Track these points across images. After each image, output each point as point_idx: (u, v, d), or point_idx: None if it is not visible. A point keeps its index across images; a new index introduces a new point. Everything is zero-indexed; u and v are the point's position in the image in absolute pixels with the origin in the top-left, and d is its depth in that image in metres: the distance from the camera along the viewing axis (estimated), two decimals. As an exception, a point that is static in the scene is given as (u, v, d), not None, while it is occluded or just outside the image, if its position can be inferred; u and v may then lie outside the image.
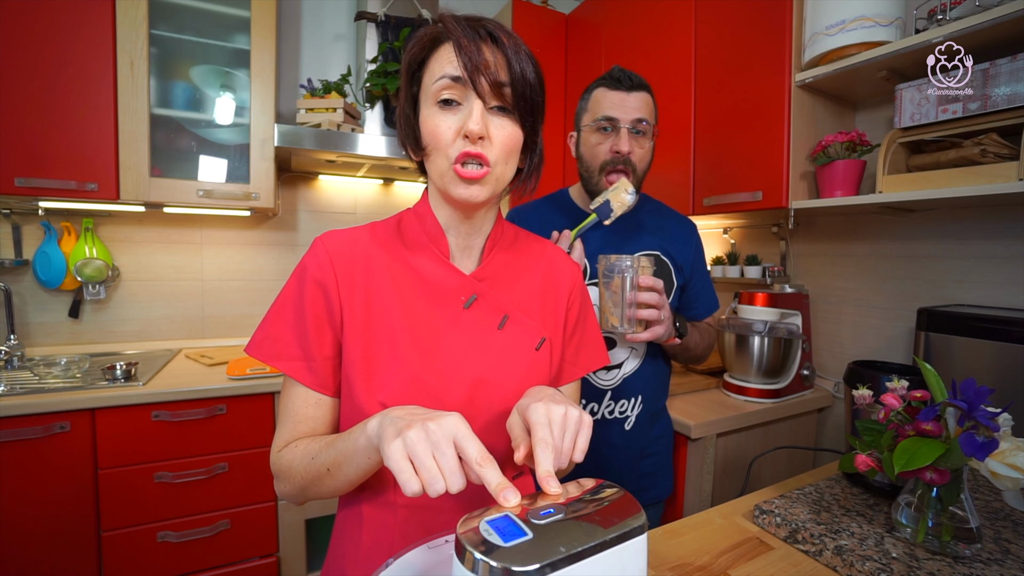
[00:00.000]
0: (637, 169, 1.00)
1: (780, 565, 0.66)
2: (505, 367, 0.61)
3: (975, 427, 0.58)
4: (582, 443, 0.48)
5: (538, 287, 0.68)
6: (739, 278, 1.66)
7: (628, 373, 1.03)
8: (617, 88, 0.99)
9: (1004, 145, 1.00)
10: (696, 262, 1.09)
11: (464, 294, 0.62)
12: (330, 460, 0.53)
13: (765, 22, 1.34)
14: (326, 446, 0.54)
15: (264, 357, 0.58)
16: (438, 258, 0.62)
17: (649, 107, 1.01)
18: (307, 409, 0.60)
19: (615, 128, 0.98)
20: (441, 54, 0.56)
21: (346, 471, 0.52)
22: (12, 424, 1.20)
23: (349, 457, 0.51)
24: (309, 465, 0.55)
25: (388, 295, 0.60)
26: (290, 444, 0.59)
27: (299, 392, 0.59)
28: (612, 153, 0.98)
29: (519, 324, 0.63)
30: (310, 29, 2.05)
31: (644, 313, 0.89)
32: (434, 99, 0.56)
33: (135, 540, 1.34)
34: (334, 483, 0.54)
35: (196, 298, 1.89)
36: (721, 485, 1.27)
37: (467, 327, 0.61)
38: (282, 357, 0.58)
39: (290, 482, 0.58)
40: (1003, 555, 0.63)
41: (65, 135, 1.43)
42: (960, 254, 1.23)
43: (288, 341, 0.58)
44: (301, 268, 0.60)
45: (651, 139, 1.02)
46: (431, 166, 0.59)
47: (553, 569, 0.33)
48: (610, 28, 1.94)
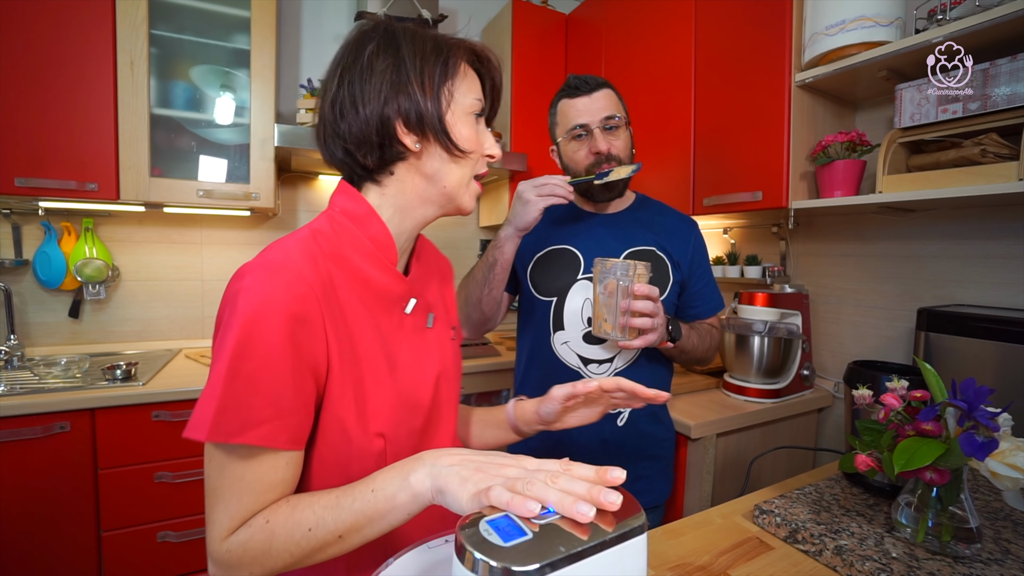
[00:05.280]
0: (622, 159, 1.04)
1: (780, 565, 0.66)
2: (446, 360, 0.66)
3: (975, 427, 0.58)
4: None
5: (438, 281, 0.72)
6: (739, 278, 1.66)
7: (620, 368, 1.03)
8: (577, 95, 1.04)
9: (1004, 145, 1.00)
10: (696, 259, 1.09)
11: (406, 299, 0.62)
12: (344, 525, 0.46)
13: (765, 22, 1.34)
14: (327, 510, 0.47)
15: (224, 436, 0.45)
16: (385, 266, 0.59)
17: (613, 102, 1.04)
18: (276, 474, 0.49)
19: (588, 132, 1.02)
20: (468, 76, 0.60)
21: (369, 532, 0.47)
22: (12, 424, 1.20)
23: (379, 516, 0.46)
24: (305, 538, 0.46)
25: (361, 316, 0.56)
26: (250, 523, 0.48)
27: (265, 459, 0.48)
28: (593, 155, 1.02)
29: (439, 319, 0.68)
30: (310, 29, 2.05)
31: (638, 322, 0.89)
32: (470, 110, 0.59)
33: (135, 540, 1.34)
34: (345, 547, 0.48)
35: (196, 298, 1.89)
36: (721, 485, 1.27)
37: (412, 330, 0.63)
38: (248, 427, 0.46)
39: (263, 566, 0.47)
40: (1003, 555, 0.63)
41: (65, 135, 1.43)
42: (960, 254, 1.23)
43: (252, 404, 0.46)
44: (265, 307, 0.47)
45: (625, 128, 1.05)
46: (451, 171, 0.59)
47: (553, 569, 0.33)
48: (610, 28, 1.94)
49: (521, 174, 2.06)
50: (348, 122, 0.56)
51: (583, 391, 0.65)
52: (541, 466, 0.44)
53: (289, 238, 0.55)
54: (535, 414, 0.71)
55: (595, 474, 0.42)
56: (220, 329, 0.49)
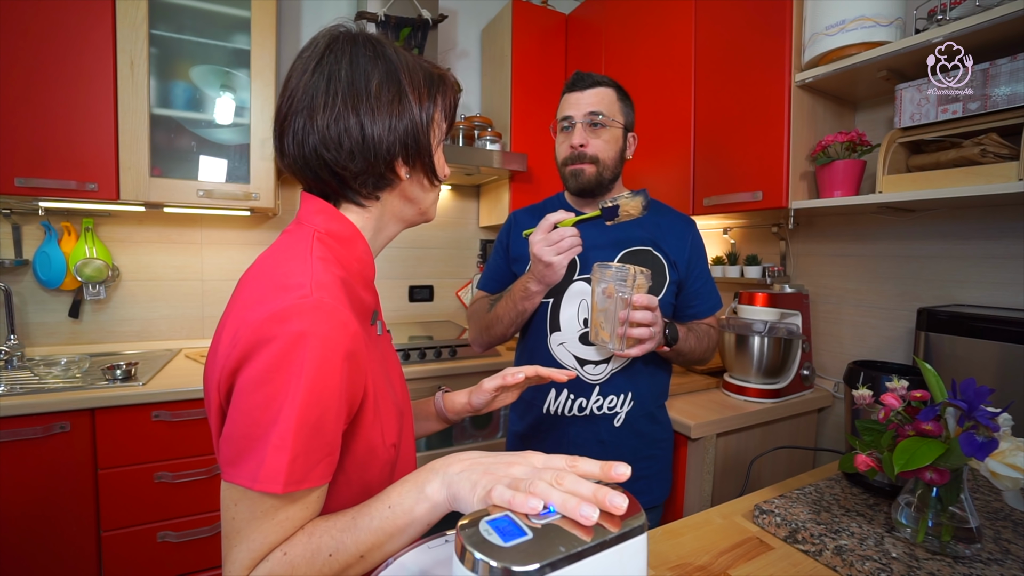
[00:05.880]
0: (599, 160, 1.04)
1: (780, 565, 0.66)
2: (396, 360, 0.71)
3: (975, 427, 0.58)
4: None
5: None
6: (739, 278, 1.66)
7: (616, 369, 1.03)
8: (573, 89, 1.06)
9: (1004, 145, 1.00)
10: (693, 258, 1.09)
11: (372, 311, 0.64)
12: (365, 545, 0.46)
13: (765, 22, 1.34)
14: (345, 533, 0.47)
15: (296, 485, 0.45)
16: (368, 284, 0.62)
17: (606, 100, 1.04)
18: (308, 509, 0.48)
19: (572, 125, 1.04)
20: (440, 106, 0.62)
21: (389, 548, 0.47)
22: (12, 424, 1.20)
23: (399, 531, 0.46)
24: (327, 564, 0.46)
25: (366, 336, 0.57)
26: (268, 557, 0.46)
27: (303, 497, 0.47)
28: (570, 148, 1.04)
29: (384, 325, 0.71)
30: (310, 29, 2.05)
31: (636, 332, 0.88)
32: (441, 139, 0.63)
33: (135, 540, 1.34)
34: (367, 566, 0.47)
35: (196, 298, 1.89)
36: (721, 485, 1.27)
37: (378, 340, 0.65)
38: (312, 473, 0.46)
39: None
40: (1003, 555, 0.63)
41: (65, 135, 1.43)
42: (960, 254, 1.23)
43: (316, 448, 0.46)
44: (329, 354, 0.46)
45: (613, 129, 1.05)
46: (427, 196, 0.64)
47: (553, 569, 0.33)
48: (610, 28, 1.94)
49: (521, 174, 2.06)
50: (350, 151, 0.55)
51: (512, 382, 0.74)
52: (548, 463, 0.44)
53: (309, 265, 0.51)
54: (467, 404, 0.79)
55: (600, 469, 0.42)
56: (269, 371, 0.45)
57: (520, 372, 0.73)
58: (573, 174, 1.06)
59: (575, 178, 1.06)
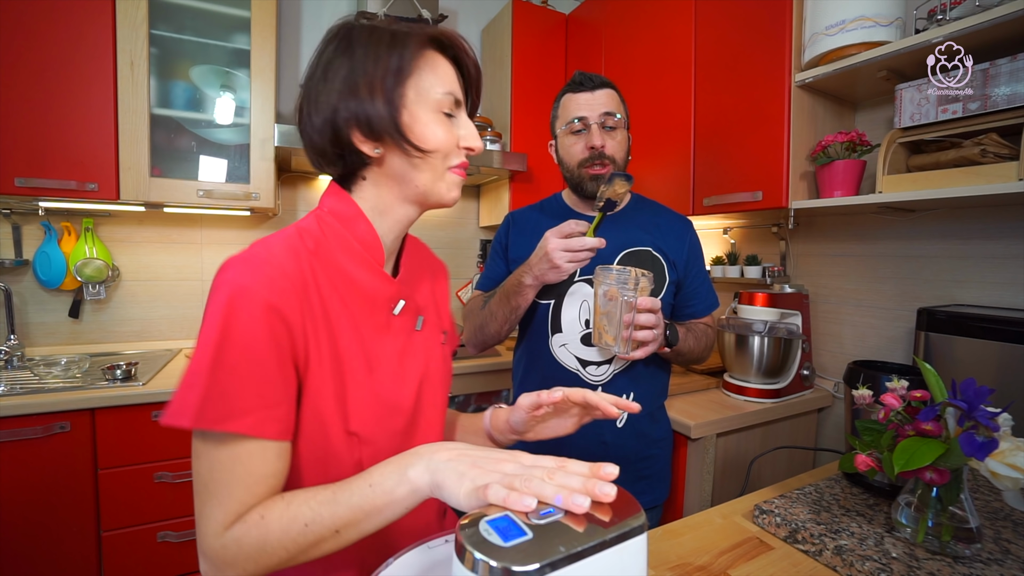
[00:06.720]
0: (616, 160, 1.04)
1: (780, 565, 0.66)
2: (431, 364, 0.66)
3: (975, 427, 0.58)
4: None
5: (429, 283, 0.72)
6: (739, 278, 1.66)
7: (618, 369, 1.03)
8: (581, 90, 1.05)
9: (1004, 145, 1.00)
10: (692, 258, 1.09)
11: (394, 300, 0.62)
12: (341, 520, 0.46)
13: (765, 22, 1.34)
14: (323, 505, 0.47)
15: (210, 423, 0.46)
16: (372, 266, 0.59)
17: (615, 101, 1.05)
18: (266, 466, 0.49)
19: (586, 126, 1.03)
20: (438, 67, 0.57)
21: (366, 527, 0.47)
22: (12, 424, 1.20)
23: (376, 511, 0.46)
24: (301, 533, 0.46)
25: (341, 315, 0.56)
26: (244, 518, 0.47)
27: (255, 449, 0.48)
28: (588, 150, 1.03)
29: (428, 322, 0.68)
30: (310, 29, 2.05)
31: (640, 335, 0.88)
32: (436, 108, 0.57)
33: (135, 540, 1.34)
34: (341, 542, 0.47)
35: (196, 298, 1.89)
36: (721, 485, 1.27)
37: (398, 331, 0.63)
38: (234, 415, 0.46)
39: (258, 562, 0.47)
40: (1003, 555, 0.63)
41: (65, 135, 1.43)
42: (960, 254, 1.23)
43: (237, 393, 0.47)
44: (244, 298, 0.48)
45: (623, 130, 1.06)
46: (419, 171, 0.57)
47: (553, 569, 0.33)
48: (610, 28, 1.94)
49: (521, 174, 2.06)
50: (308, 133, 0.58)
51: (548, 400, 0.63)
52: (537, 462, 0.44)
53: (275, 235, 0.55)
54: (506, 423, 0.69)
55: (589, 470, 0.43)
56: (203, 320, 0.49)
57: (558, 391, 0.62)
58: (594, 177, 1.03)
59: (597, 181, 1.03)
